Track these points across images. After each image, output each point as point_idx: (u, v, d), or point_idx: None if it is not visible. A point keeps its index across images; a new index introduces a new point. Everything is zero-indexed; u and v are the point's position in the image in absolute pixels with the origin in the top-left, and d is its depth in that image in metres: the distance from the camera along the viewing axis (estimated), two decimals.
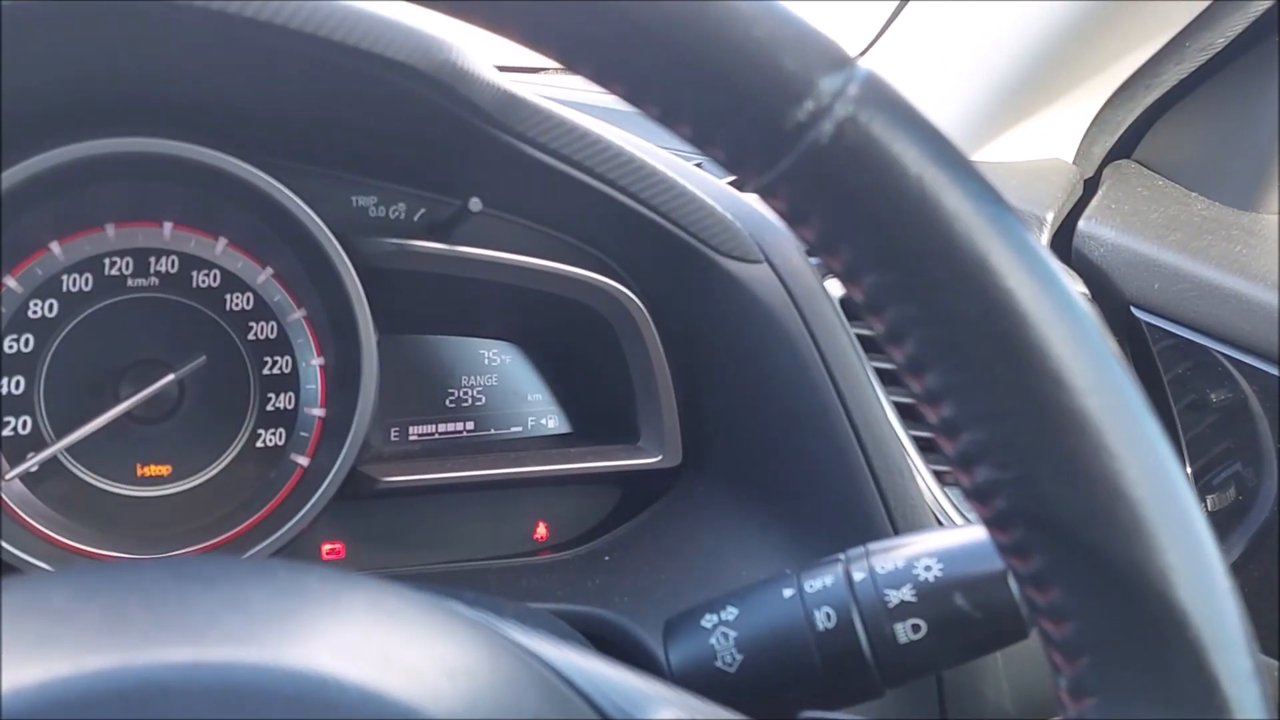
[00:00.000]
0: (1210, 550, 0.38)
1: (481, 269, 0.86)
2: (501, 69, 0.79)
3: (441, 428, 0.93)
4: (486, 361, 0.95)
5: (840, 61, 0.37)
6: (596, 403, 0.96)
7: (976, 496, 0.40)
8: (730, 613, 0.65)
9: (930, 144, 0.38)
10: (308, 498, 0.82)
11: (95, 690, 0.35)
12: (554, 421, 0.97)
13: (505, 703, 0.40)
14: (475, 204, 0.80)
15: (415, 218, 0.85)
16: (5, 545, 0.75)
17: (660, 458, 0.89)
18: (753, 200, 0.90)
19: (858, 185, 0.37)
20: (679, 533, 0.88)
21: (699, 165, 0.95)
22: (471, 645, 0.42)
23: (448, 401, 0.94)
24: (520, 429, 0.96)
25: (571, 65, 0.40)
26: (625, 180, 0.83)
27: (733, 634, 0.64)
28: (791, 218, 0.40)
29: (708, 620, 0.65)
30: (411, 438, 0.92)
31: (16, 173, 0.73)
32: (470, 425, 0.94)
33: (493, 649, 0.42)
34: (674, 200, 0.84)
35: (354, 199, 0.84)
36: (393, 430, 0.91)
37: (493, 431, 0.95)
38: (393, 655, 0.39)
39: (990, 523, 0.40)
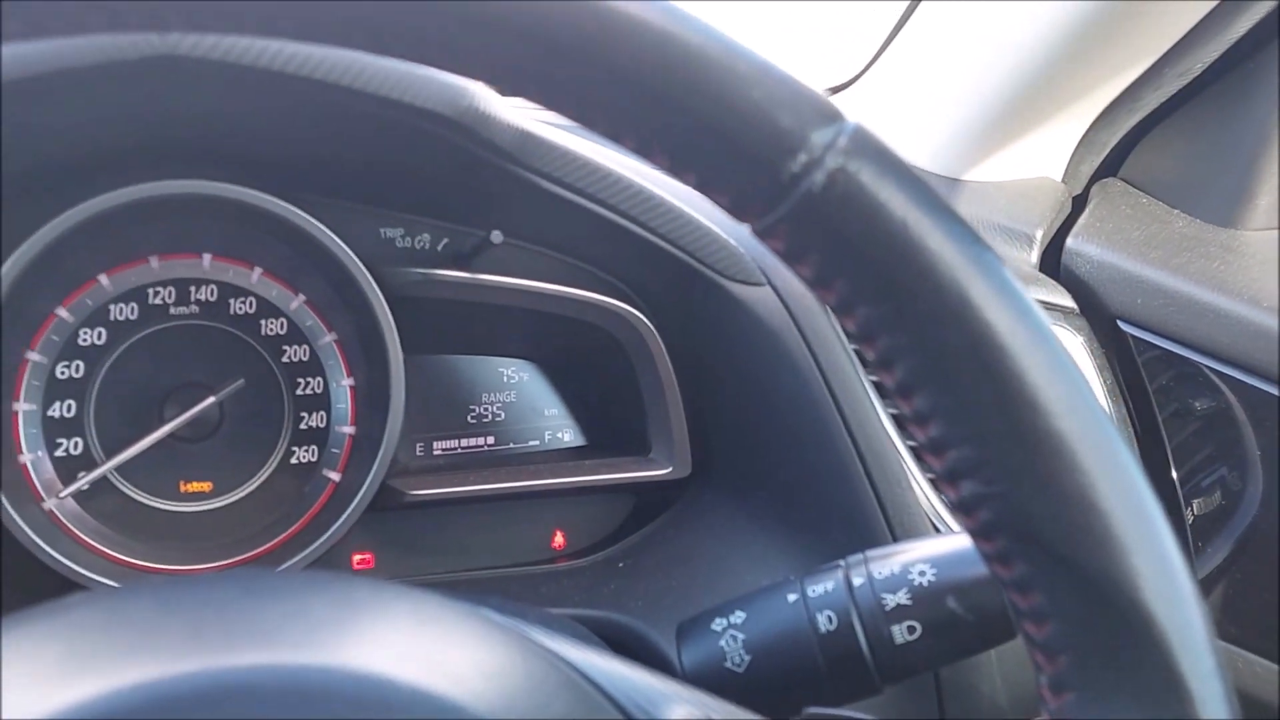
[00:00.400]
0: (1175, 558, 0.41)
1: (501, 294, 0.91)
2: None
3: (464, 442, 0.98)
4: (505, 379, 1.00)
5: (831, 116, 0.40)
6: (610, 417, 1.00)
7: (962, 509, 0.43)
8: (739, 617, 0.69)
9: (914, 190, 0.41)
10: (341, 511, 0.87)
11: (181, 693, 0.40)
12: (569, 435, 1.02)
13: (538, 702, 0.44)
14: (497, 236, 0.85)
15: (439, 248, 0.90)
16: (60, 559, 0.80)
17: (670, 469, 0.94)
18: None
19: (848, 228, 0.40)
20: (689, 540, 0.93)
21: None
22: (504, 649, 0.46)
23: (469, 418, 0.98)
24: (538, 443, 1.00)
25: (588, 124, 0.43)
26: (635, 210, 0.87)
27: (741, 636, 0.68)
28: (789, 257, 0.43)
29: (717, 624, 0.70)
30: (435, 452, 0.97)
31: (77, 213, 0.78)
32: (491, 440, 0.99)
33: (524, 652, 0.46)
34: (681, 228, 0.89)
35: (382, 231, 0.89)
36: (418, 445, 0.96)
37: (512, 445, 1.00)
38: (437, 659, 0.43)
39: (975, 533, 0.43)
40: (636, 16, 0.40)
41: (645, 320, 0.93)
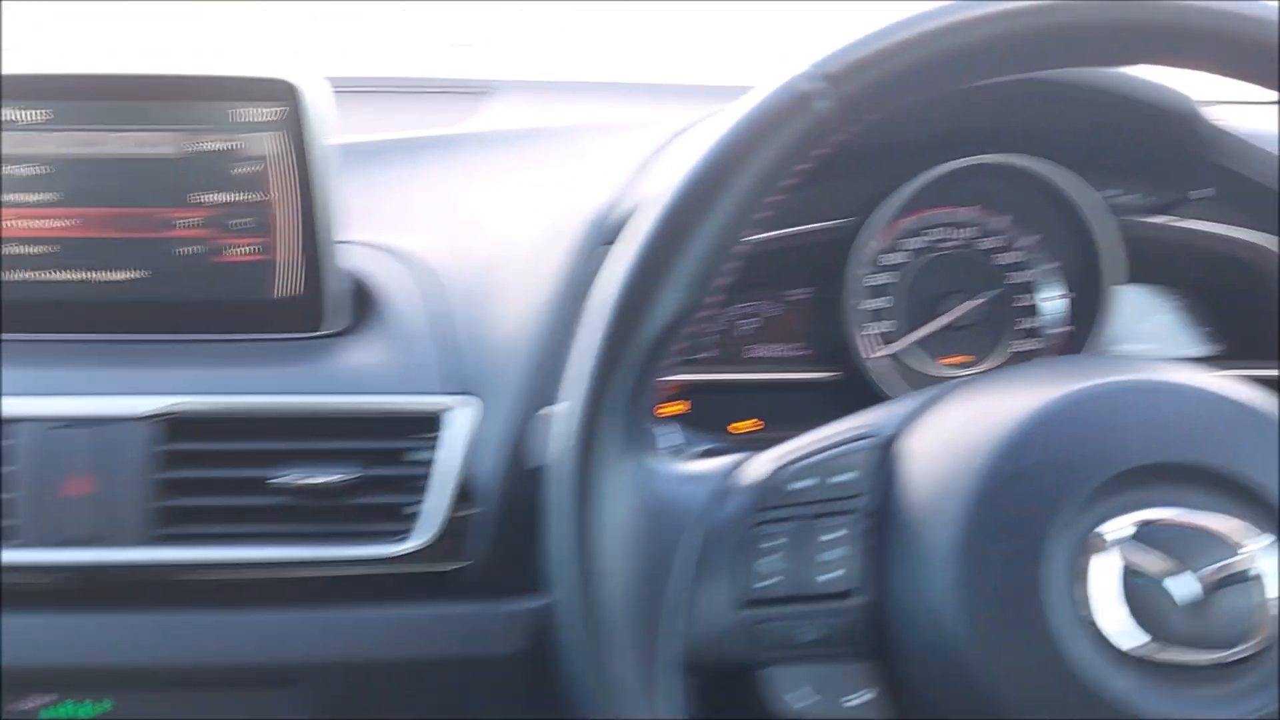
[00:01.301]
0: None
1: (1172, 233, 1.29)
2: None
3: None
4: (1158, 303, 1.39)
5: None
6: (1234, 331, 1.36)
7: None
8: None
9: None
10: None
11: (1103, 392, 0.77)
12: (1200, 348, 1.39)
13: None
14: (1203, 192, 1.23)
15: (1142, 202, 1.29)
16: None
17: None
18: None
19: None
20: None
21: None
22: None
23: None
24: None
25: None
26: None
27: None
28: None
29: None
30: None
31: (921, 179, 1.24)
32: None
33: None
34: None
35: (1103, 191, 1.28)
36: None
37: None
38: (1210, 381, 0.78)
39: None
40: None
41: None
